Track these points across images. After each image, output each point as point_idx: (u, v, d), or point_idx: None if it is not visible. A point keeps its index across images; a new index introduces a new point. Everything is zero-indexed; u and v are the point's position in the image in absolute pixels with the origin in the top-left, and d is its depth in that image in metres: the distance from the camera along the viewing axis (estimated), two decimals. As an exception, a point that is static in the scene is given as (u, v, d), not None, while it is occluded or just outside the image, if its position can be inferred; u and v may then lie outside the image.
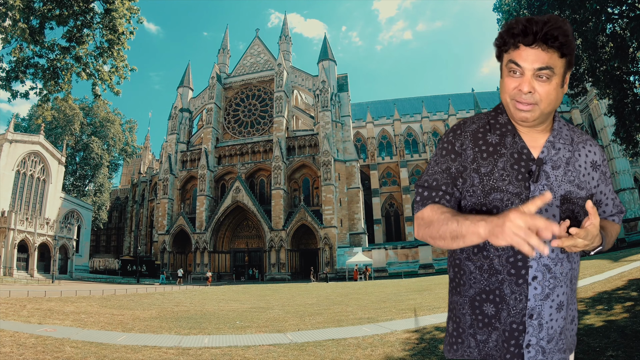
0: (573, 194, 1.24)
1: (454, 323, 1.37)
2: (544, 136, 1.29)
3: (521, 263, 1.22)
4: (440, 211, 1.25)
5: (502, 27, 1.25)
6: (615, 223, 1.42)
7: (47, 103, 7.45)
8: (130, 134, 61.40)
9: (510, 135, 1.29)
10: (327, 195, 40.44)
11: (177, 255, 45.15)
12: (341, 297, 15.97)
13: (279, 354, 5.66)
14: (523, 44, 1.17)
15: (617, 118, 14.30)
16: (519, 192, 1.22)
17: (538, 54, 1.16)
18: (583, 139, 1.34)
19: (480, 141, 1.30)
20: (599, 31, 11.48)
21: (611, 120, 35.67)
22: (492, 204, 1.25)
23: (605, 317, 6.10)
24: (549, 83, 1.18)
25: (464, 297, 1.32)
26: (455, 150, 1.32)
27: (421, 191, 1.35)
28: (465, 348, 1.31)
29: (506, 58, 1.23)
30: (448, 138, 1.35)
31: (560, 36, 1.14)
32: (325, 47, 47.58)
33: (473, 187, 1.28)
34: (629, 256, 17.99)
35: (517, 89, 1.20)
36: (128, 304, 13.98)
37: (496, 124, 1.32)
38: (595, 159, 1.32)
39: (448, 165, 1.32)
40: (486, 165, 1.26)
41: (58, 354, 5.57)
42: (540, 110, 1.20)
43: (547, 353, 1.22)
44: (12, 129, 36.42)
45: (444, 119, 58.71)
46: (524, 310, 1.21)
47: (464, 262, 1.32)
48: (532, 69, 1.17)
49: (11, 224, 30.89)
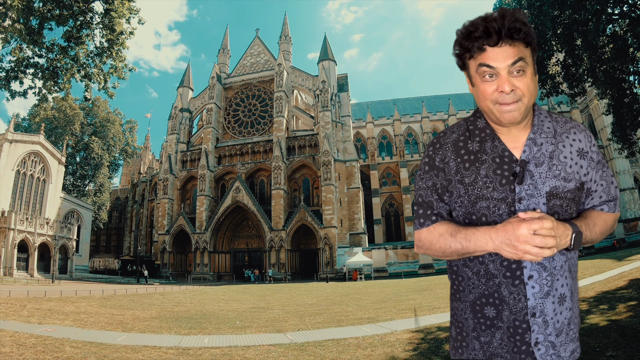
0: (559, 188, 1.22)
1: (456, 328, 1.37)
2: (525, 133, 1.26)
3: (515, 265, 1.22)
4: (437, 233, 1.28)
5: (457, 35, 1.21)
6: (604, 212, 1.34)
7: (46, 102, 7.45)
8: (131, 134, 61.33)
9: (489, 140, 1.27)
10: (327, 195, 40.43)
11: (177, 255, 45.12)
12: (341, 297, 15.96)
13: (279, 354, 5.65)
14: (489, 45, 1.15)
15: (614, 117, 14.32)
16: (504, 197, 1.21)
17: (506, 51, 1.15)
18: (567, 127, 1.29)
19: (461, 150, 1.28)
20: (599, 32, 11.46)
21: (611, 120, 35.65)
22: (479, 212, 1.24)
23: (607, 316, 6.10)
24: (525, 75, 1.17)
25: (465, 302, 1.32)
26: (436, 165, 1.31)
27: (417, 209, 1.36)
28: (470, 351, 1.31)
29: (473, 64, 1.20)
30: (428, 153, 1.34)
31: (522, 27, 1.13)
32: (326, 47, 47.57)
33: (460, 198, 1.27)
34: (629, 256, 17.99)
35: (497, 92, 1.18)
36: (128, 304, 13.97)
37: (475, 129, 1.30)
38: (582, 146, 1.28)
39: (433, 181, 1.32)
40: (469, 175, 1.25)
41: (58, 354, 5.56)
42: (525, 105, 1.19)
43: (559, 346, 1.22)
44: (12, 129, 36.40)
45: (444, 119, 58.67)
46: (525, 310, 1.21)
47: (461, 268, 1.33)
48: (506, 67, 1.15)
49: (11, 224, 30.88)
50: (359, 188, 43.33)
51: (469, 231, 1.20)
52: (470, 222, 1.27)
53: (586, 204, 1.36)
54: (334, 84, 46.05)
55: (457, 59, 1.24)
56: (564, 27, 12.87)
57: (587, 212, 1.34)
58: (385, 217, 54.16)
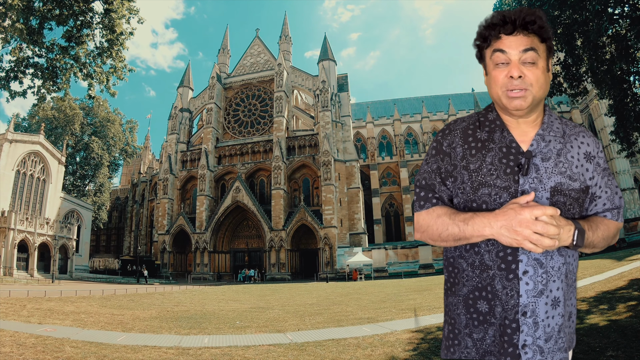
0: (564, 185, 1.22)
1: (449, 325, 1.35)
2: (534, 130, 1.29)
3: (511, 257, 1.20)
4: (436, 214, 1.28)
5: (479, 27, 1.28)
6: (606, 219, 1.33)
7: (44, 102, 7.44)
8: (131, 134, 61.32)
9: (498, 131, 1.30)
10: (327, 195, 40.43)
11: (177, 255, 45.13)
12: (341, 297, 15.96)
13: (279, 354, 5.65)
14: (504, 33, 1.22)
15: (616, 118, 14.29)
16: (507, 185, 1.22)
17: (520, 39, 1.21)
18: (576, 131, 1.32)
19: (469, 138, 1.31)
20: (601, 32, 11.45)
21: (611, 121, 35.65)
22: (480, 200, 1.24)
23: (607, 316, 6.10)
24: (536, 67, 1.21)
25: (458, 296, 1.31)
26: (443, 149, 1.33)
27: (418, 191, 1.36)
28: (463, 349, 1.28)
29: (489, 52, 1.27)
30: (437, 138, 1.37)
31: (537, 20, 1.19)
32: (325, 47, 47.57)
33: (463, 185, 1.28)
34: (629, 256, 17.99)
35: (507, 77, 1.22)
36: (128, 304, 13.98)
37: (485, 121, 1.34)
38: (589, 150, 1.30)
39: (438, 165, 1.34)
40: (475, 162, 1.27)
41: (58, 354, 5.56)
42: (532, 95, 1.21)
43: (547, 353, 1.18)
44: (12, 129, 36.39)
45: (444, 119, 58.64)
46: (516, 307, 1.18)
47: (457, 259, 1.32)
48: (518, 54, 1.21)
49: (11, 224, 30.87)
50: (359, 188, 43.33)
51: (468, 215, 1.20)
52: (471, 210, 1.26)
53: (589, 209, 1.35)
54: (334, 84, 46.05)
55: (476, 50, 1.32)
56: (565, 27, 12.87)
57: (590, 217, 1.33)
58: (385, 217, 54.17)
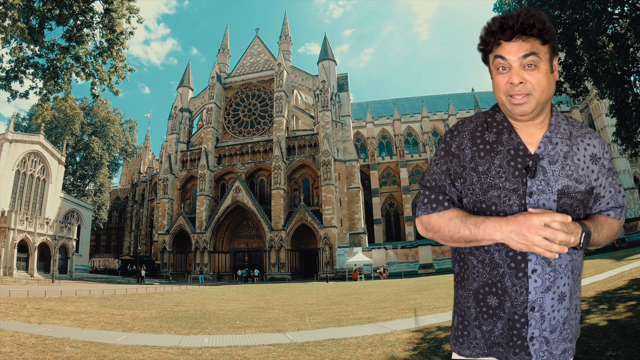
0: (571, 188, 1.25)
1: (459, 317, 1.40)
2: (541, 131, 1.30)
3: (520, 257, 1.24)
4: (448, 217, 1.30)
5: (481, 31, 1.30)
6: (610, 218, 1.37)
7: (47, 102, 7.44)
8: (131, 134, 61.29)
9: (506, 133, 1.31)
10: (327, 195, 40.42)
11: (177, 255, 45.12)
12: (341, 297, 15.96)
13: (279, 353, 5.65)
14: (504, 40, 1.22)
15: (618, 118, 14.26)
16: (515, 188, 1.24)
17: (520, 45, 1.21)
18: (582, 132, 1.33)
19: (478, 140, 1.32)
20: (600, 32, 11.45)
21: (611, 121, 35.65)
22: (490, 201, 1.27)
23: (607, 316, 6.10)
24: (537, 70, 1.21)
25: (468, 290, 1.35)
26: (452, 151, 1.34)
27: (428, 193, 1.37)
28: (472, 340, 1.34)
29: (492, 57, 1.28)
30: (446, 139, 1.38)
31: (536, 23, 1.19)
32: (325, 47, 47.56)
33: (472, 186, 1.30)
34: (629, 256, 17.99)
35: (508, 83, 1.23)
36: (128, 304, 13.97)
37: (493, 122, 1.35)
38: (595, 151, 1.32)
39: (448, 166, 1.35)
40: (483, 164, 1.28)
41: (58, 354, 5.56)
42: (535, 100, 1.22)
43: (551, 343, 1.25)
44: (12, 129, 36.39)
45: (444, 119, 58.68)
46: (525, 303, 1.23)
47: (467, 256, 1.36)
48: (518, 60, 1.21)
49: (11, 224, 30.87)
50: (359, 188, 43.32)
51: (479, 219, 1.23)
52: (480, 211, 1.29)
53: (593, 208, 1.38)
54: (333, 84, 46.05)
55: (481, 54, 1.32)
56: (565, 27, 12.87)
57: (594, 216, 1.37)
58: (385, 217, 54.17)
